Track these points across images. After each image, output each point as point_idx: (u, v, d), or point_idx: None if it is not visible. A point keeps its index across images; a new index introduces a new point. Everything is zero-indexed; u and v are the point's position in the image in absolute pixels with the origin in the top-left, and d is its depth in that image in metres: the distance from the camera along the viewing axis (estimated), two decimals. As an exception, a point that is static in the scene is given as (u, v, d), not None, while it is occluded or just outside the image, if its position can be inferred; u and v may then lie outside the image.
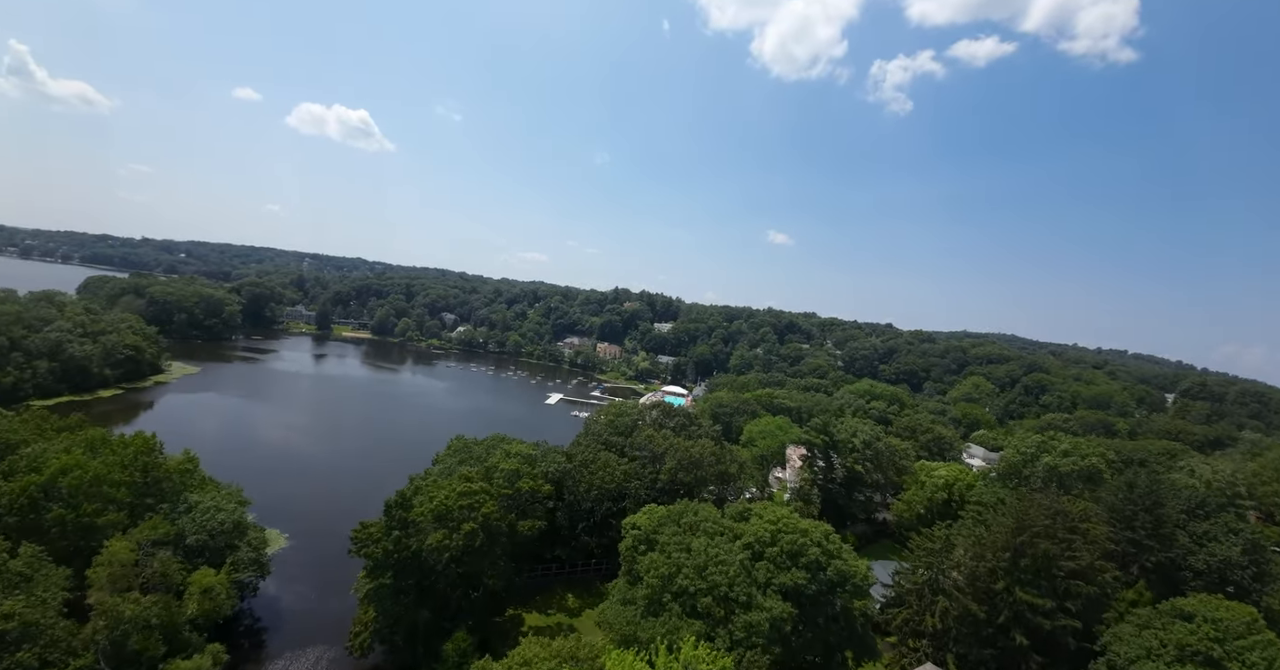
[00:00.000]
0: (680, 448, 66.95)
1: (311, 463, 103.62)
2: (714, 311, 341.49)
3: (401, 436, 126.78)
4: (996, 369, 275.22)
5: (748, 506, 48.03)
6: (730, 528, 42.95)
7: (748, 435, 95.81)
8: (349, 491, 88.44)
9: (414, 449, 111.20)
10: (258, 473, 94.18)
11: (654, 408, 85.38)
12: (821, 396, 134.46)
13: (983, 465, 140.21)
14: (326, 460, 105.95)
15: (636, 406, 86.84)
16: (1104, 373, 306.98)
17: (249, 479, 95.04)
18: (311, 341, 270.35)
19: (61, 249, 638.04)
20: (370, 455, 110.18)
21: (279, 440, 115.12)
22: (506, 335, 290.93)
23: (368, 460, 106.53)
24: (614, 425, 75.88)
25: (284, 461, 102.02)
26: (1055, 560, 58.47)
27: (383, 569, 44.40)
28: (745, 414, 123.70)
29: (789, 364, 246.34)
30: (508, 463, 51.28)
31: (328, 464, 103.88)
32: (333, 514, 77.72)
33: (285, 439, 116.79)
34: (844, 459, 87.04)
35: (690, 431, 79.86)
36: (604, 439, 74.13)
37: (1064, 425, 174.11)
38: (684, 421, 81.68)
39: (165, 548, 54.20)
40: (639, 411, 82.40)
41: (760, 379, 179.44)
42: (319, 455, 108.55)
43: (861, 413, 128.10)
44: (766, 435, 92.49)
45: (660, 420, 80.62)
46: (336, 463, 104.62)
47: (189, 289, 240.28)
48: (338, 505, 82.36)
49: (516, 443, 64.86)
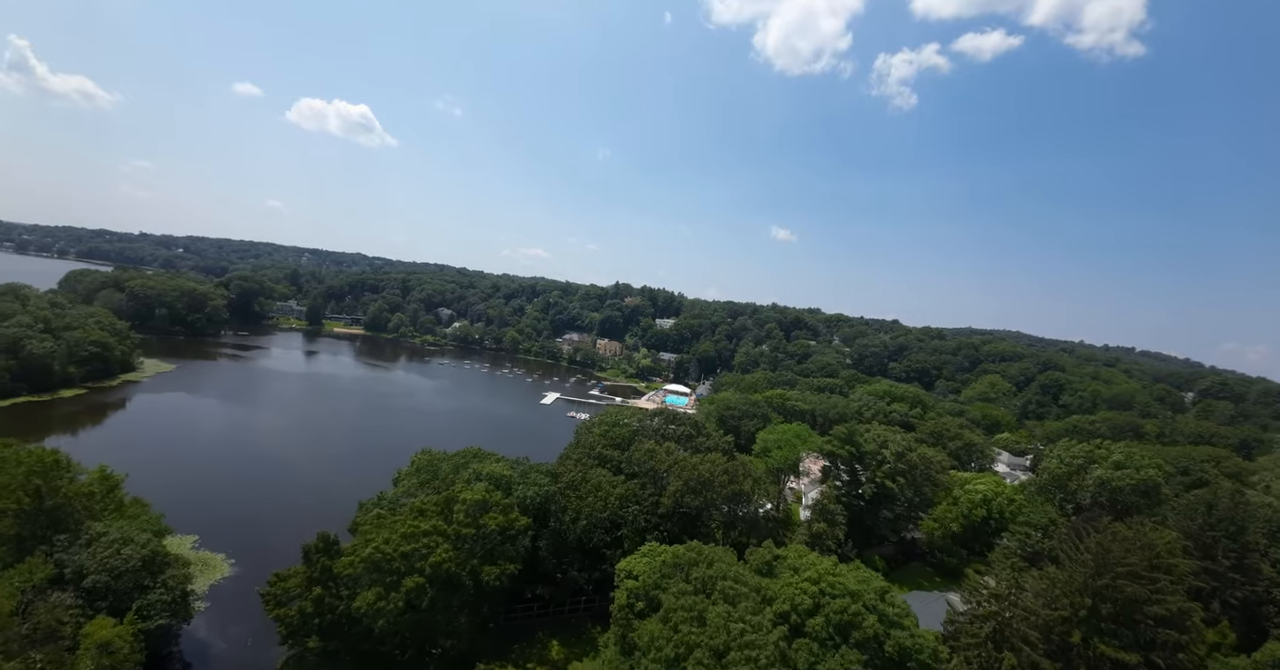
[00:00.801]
0: (687, 466, 56.26)
1: (277, 473, 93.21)
2: (717, 307, 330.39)
3: (383, 441, 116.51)
4: (1010, 367, 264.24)
5: (775, 553, 37.39)
6: (757, 587, 32.40)
7: (761, 444, 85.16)
8: (314, 507, 77.95)
9: (394, 458, 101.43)
10: (211, 486, 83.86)
11: (655, 414, 74.69)
12: (837, 398, 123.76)
13: (1006, 471, 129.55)
14: (294, 470, 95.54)
15: (635, 413, 76.04)
16: (1118, 371, 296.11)
17: (200, 494, 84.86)
18: (301, 338, 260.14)
19: (58, 244, 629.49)
20: (345, 464, 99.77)
21: (244, 446, 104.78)
22: (503, 332, 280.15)
23: (341, 470, 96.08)
24: (609, 437, 65.13)
25: (245, 472, 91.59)
26: (1141, 605, 47.84)
27: (303, 634, 33.89)
28: (755, 418, 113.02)
29: (796, 362, 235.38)
30: (472, 492, 40.64)
31: (295, 474, 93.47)
32: (291, 535, 67.35)
33: (251, 444, 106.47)
34: (871, 472, 76.35)
35: (697, 443, 69.16)
36: (597, 453, 63.45)
37: (1091, 427, 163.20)
38: (690, 431, 70.97)
39: (60, 590, 43.98)
40: (638, 419, 71.68)
41: (769, 378, 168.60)
42: (286, 464, 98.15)
43: (881, 416, 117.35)
44: (783, 444, 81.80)
45: (662, 429, 69.95)
46: (304, 473, 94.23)
47: (172, 283, 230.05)
48: (298, 525, 71.96)
49: (492, 460, 54.17)
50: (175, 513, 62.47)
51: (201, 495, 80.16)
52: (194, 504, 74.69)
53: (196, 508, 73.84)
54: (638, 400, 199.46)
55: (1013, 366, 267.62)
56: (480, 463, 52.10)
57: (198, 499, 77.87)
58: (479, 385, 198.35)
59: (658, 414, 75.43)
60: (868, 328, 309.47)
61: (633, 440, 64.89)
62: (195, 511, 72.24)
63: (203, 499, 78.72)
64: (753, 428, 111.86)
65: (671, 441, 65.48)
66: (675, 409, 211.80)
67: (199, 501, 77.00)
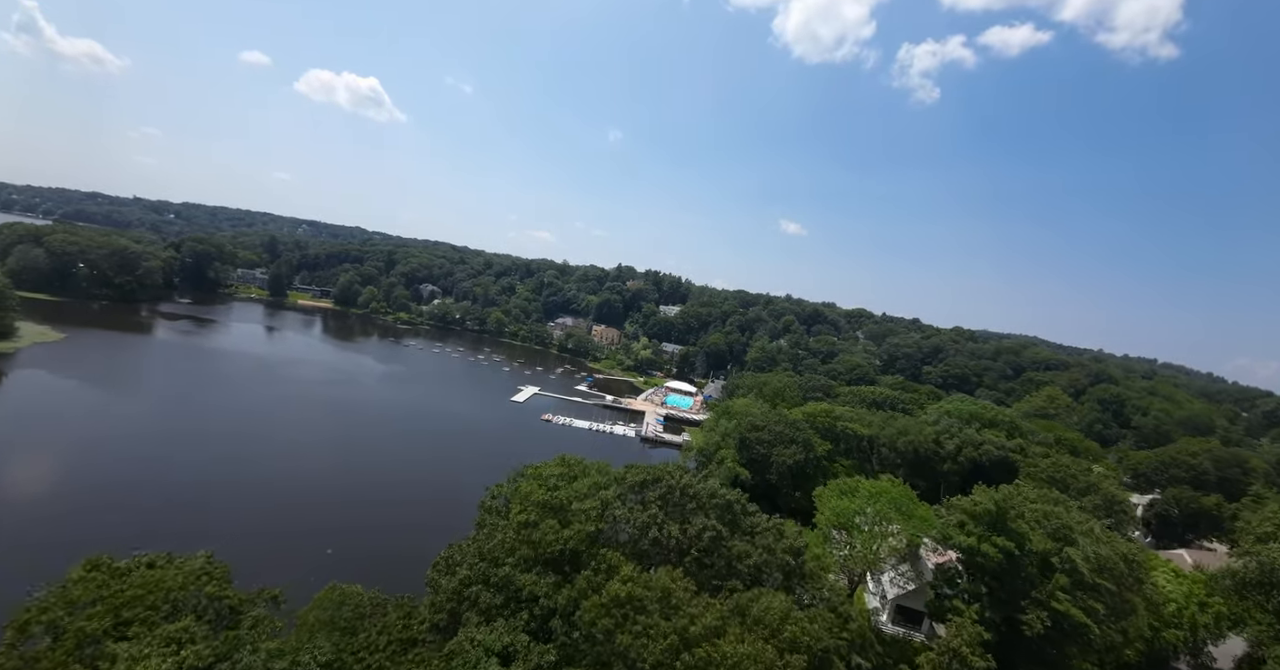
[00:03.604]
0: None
1: (87, 500, 58.01)
2: (728, 296, 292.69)
3: (281, 452, 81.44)
4: (1057, 377, 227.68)
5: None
6: None
7: (830, 514, 48.83)
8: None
9: (278, 488, 66.51)
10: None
11: (635, 489, 37.69)
12: (904, 420, 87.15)
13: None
14: (116, 497, 60.19)
15: (599, 477, 38.58)
16: (1162, 384, 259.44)
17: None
18: (261, 310, 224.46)
19: (45, 205, 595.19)
20: (200, 495, 64.37)
21: (74, 456, 69.70)
22: (487, 312, 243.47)
23: (184, 507, 60.61)
24: (538, 542, 28.77)
25: (52, 498, 56.72)
26: None
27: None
28: (792, 445, 76.98)
29: (820, 361, 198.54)
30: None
31: (109, 506, 58.16)
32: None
33: (87, 453, 71.44)
34: (1042, 588, 40.46)
35: (719, 553, 32.86)
36: (499, 579, 27.58)
37: (1193, 461, 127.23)
38: (705, 527, 34.66)
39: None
40: (605, 497, 34.82)
41: (798, 383, 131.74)
42: (109, 486, 62.86)
43: (971, 447, 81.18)
44: (868, 521, 45.72)
45: (654, 530, 33.66)
46: (125, 506, 58.83)
47: (100, 239, 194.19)
48: None
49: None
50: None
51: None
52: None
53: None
54: (633, 400, 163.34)
55: (1060, 376, 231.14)
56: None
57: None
58: (444, 373, 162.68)
59: (638, 488, 38.24)
60: (895, 325, 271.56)
61: (585, 553, 28.93)
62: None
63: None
64: (789, 459, 75.87)
65: (668, 564, 29.39)
66: (678, 413, 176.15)
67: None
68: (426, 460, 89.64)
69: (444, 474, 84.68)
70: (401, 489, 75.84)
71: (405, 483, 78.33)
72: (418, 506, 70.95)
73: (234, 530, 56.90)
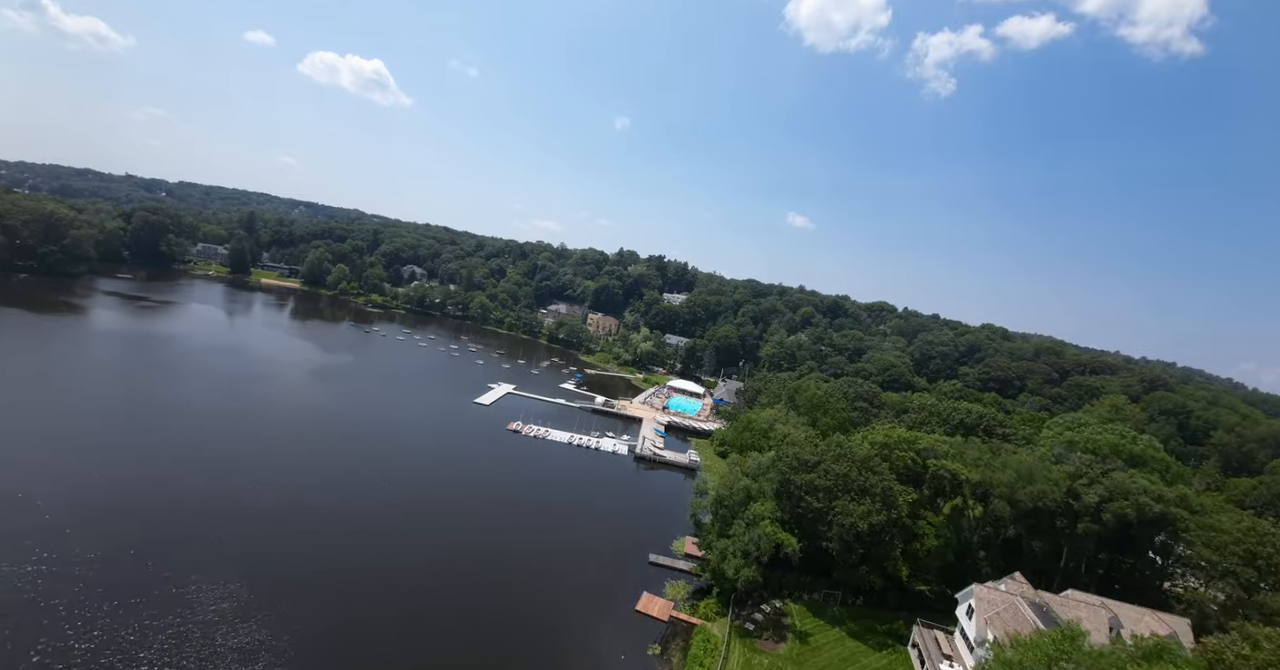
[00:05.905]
0: None
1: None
2: (739, 284, 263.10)
3: (155, 481, 53.33)
4: (1108, 382, 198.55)
5: None
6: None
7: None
8: None
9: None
10: None
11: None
12: (1020, 454, 57.26)
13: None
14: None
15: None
16: (1217, 391, 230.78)
17: None
18: (219, 290, 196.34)
19: (33, 180, 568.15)
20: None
21: None
22: (471, 296, 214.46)
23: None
24: None
25: None
26: None
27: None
28: (863, 496, 48.85)
29: (847, 359, 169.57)
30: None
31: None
32: None
33: None
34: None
35: None
36: None
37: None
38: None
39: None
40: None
41: (840, 388, 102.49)
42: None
43: (1121, 499, 52.81)
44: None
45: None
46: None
47: (23, 204, 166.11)
48: None
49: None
50: None
51: None
52: None
53: None
54: (629, 403, 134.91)
55: (1111, 381, 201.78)
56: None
57: None
58: (402, 366, 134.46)
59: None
60: (925, 321, 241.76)
61: None
62: None
63: None
64: (861, 523, 47.62)
65: None
66: (683, 419, 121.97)
67: None
68: (331, 489, 61.30)
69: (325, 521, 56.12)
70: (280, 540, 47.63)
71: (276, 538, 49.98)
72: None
73: None
